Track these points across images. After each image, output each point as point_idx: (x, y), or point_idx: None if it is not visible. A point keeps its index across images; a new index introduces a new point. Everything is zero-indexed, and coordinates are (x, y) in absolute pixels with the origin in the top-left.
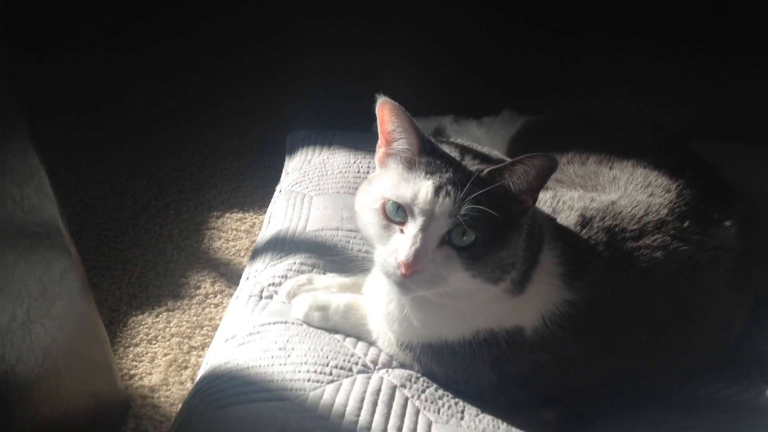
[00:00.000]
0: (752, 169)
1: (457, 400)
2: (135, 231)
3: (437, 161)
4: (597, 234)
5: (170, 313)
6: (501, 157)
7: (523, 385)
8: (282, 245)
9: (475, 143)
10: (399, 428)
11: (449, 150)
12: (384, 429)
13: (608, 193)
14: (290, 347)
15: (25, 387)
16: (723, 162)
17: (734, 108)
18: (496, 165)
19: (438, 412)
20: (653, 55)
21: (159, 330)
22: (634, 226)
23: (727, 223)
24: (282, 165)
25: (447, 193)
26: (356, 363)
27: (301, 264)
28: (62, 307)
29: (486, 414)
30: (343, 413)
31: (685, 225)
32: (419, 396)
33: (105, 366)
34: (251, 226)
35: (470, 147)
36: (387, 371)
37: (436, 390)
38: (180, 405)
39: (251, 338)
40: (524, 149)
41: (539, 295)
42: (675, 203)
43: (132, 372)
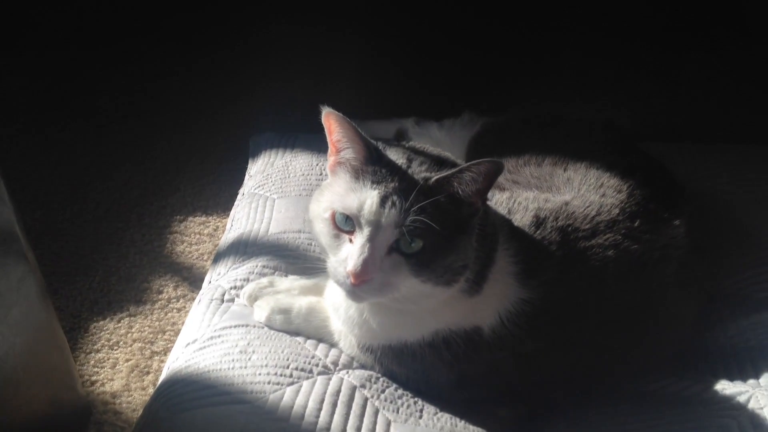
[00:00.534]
0: (705, 169)
1: (416, 400)
2: (96, 236)
3: (383, 170)
4: (551, 234)
5: (132, 319)
6: (453, 160)
7: (482, 384)
8: (244, 248)
9: (436, 145)
10: (358, 428)
11: (397, 156)
12: (343, 429)
13: (562, 194)
14: (251, 350)
15: None
16: (676, 162)
17: (687, 108)
18: (443, 173)
19: (397, 412)
20: (608, 56)
21: (121, 335)
22: (587, 226)
23: (676, 222)
24: (245, 168)
25: (393, 204)
26: (317, 364)
27: (263, 267)
28: (19, 314)
29: (444, 413)
30: (303, 414)
31: (636, 224)
32: (378, 396)
33: (65, 372)
34: (214, 230)
35: (421, 150)
36: (347, 372)
37: (396, 390)
38: (141, 411)
39: (212, 342)
40: (483, 151)
41: (496, 295)
42: (626, 203)
43: (93, 378)
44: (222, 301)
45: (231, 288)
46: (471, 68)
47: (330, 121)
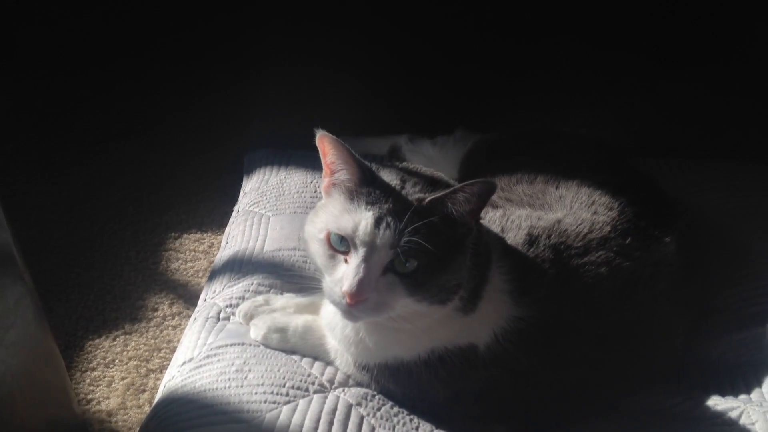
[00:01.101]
0: (693, 185)
1: (412, 417)
2: (91, 253)
3: (377, 192)
4: (544, 251)
5: (128, 336)
6: (446, 180)
7: (477, 401)
8: (239, 266)
9: (429, 162)
10: None
11: (391, 177)
12: None
13: (554, 212)
14: (247, 369)
15: None
16: (665, 177)
17: (676, 124)
18: (437, 194)
19: (393, 430)
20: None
21: (116, 353)
22: (579, 244)
23: (667, 239)
24: (240, 185)
25: (387, 225)
26: (313, 383)
27: (259, 284)
28: (16, 335)
29: (441, 430)
30: None
31: (627, 242)
32: (375, 414)
33: (61, 391)
34: (209, 247)
35: (414, 170)
36: (343, 390)
37: (392, 408)
38: (137, 430)
39: (208, 360)
40: (475, 168)
41: (490, 313)
42: (617, 221)
43: (89, 396)
44: (218, 320)
45: (226, 306)
46: (464, 85)
47: (324, 144)
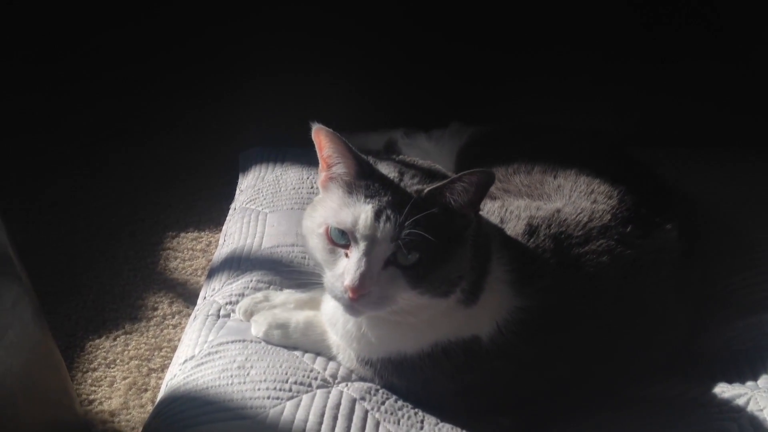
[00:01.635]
0: (692, 172)
1: (417, 411)
2: (89, 254)
3: (376, 184)
4: (544, 241)
5: (128, 336)
6: (443, 172)
7: (482, 393)
8: (238, 263)
9: (425, 156)
10: None
11: (389, 169)
12: None
13: (553, 202)
14: (249, 365)
15: None
16: (663, 166)
17: (672, 113)
18: (435, 184)
19: (398, 423)
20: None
21: (117, 353)
22: (580, 233)
23: (668, 227)
24: (236, 183)
25: (387, 218)
26: (315, 378)
27: (258, 281)
28: (15, 336)
29: (445, 423)
30: (304, 429)
31: (628, 230)
32: (379, 408)
33: (62, 392)
34: (207, 245)
35: (411, 163)
36: (347, 385)
37: (396, 401)
38: (141, 429)
39: (210, 358)
40: (472, 160)
41: (492, 304)
42: (617, 209)
43: (91, 397)
44: (218, 317)
45: (226, 303)
46: (458, 78)
47: (320, 137)
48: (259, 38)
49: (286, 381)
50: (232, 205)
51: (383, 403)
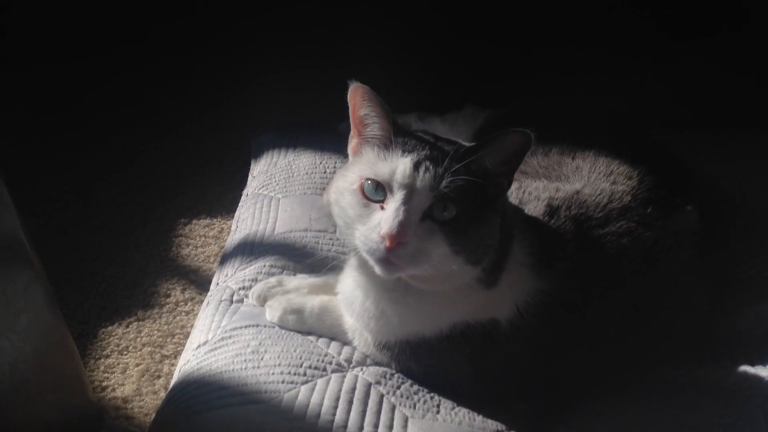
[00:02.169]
0: (709, 154)
1: (433, 395)
2: (101, 242)
3: (413, 141)
4: (564, 223)
5: (140, 323)
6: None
7: (499, 378)
8: (251, 249)
9: None
10: (375, 425)
11: (424, 134)
12: (360, 427)
13: (572, 183)
14: (263, 350)
15: None
16: (682, 148)
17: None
18: (473, 144)
19: (414, 407)
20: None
21: (130, 340)
22: (600, 214)
23: (689, 208)
24: (248, 169)
25: (426, 169)
26: (330, 362)
27: (271, 266)
28: (28, 321)
29: (461, 407)
30: (319, 413)
31: (649, 211)
32: (394, 392)
33: (75, 379)
34: (219, 232)
35: (440, 136)
36: (361, 369)
37: (411, 385)
38: (154, 415)
39: (223, 343)
40: None
41: (512, 287)
42: (637, 190)
43: (104, 384)
44: (231, 302)
45: (239, 289)
46: (473, 61)
47: (356, 96)
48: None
49: (301, 365)
50: (245, 191)
51: (399, 387)
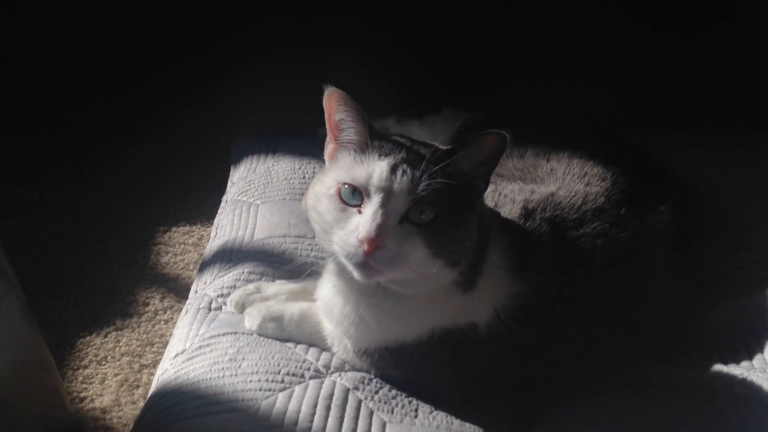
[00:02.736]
0: (684, 154)
1: (411, 399)
2: (79, 250)
3: (389, 144)
4: (540, 225)
5: (119, 332)
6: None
7: (479, 381)
8: (230, 256)
9: None
10: (353, 431)
11: (400, 137)
12: None
13: (547, 185)
14: (240, 357)
15: None
16: (656, 148)
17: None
18: (449, 146)
19: (392, 412)
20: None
21: (108, 350)
22: (574, 216)
23: (662, 208)
24: (227, 175)
25: (404, 172)
26: (308, 369)
27: (250, 273)
28: (2, 333)
29: (439, 411)
30: (297, 420)
31: (622, 212)
32: (372, 397)
33: (53, 390)
34: (199, 239)
35: (417, 139)
36: (340, 375)
37: (390, 390)
38: (132, 425)
39: (201, 351)
40: None
41: (490, 290)
42: (611, 191)
43: (82, 395)
44: (209, 310)
45: (218, 296)
46: (450, 65)
47: (332, 101)
48: (249, 31)
49: (278, 372)
50: (224, 198)
51: (377, 393)
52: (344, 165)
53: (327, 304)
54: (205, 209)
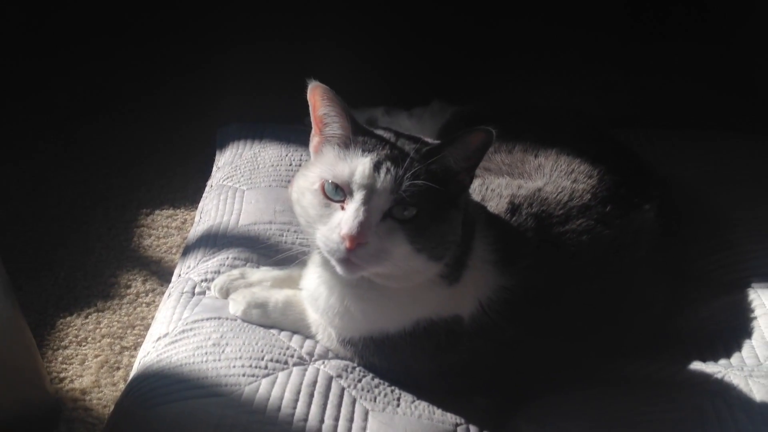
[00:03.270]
0: (670, 155)
1: (393, 388)
2: (61, 231)
3: (373, 140)
4: (526, 220)
5: (100, 314)
6: (433, 141)
7: (461, 373)
8: (214, 240)
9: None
10: (336, 418)
11: (384, 132)
12: (321, 420)
13: (534, 180)
14: (224, 343)
15: None
16: (642, 147)
17: (652, 96)
18: (435, 142)
19: (374, 401)
20: (573, 45)
21: (89, 331)
22: (560, 212)
23: (647, 207)
24: (213, 160)
25: (387, 170)
26: (292, 355)
27: (234, 258)
28: None
29: (422, 401)
30: (279, 406)
31: (608, 209)
32: (355, 386)
33: (32, 370)
34: (182, 223)
35: (403, 132)
36: (323, 362)
37: (373, 379)
38: (112, 407)
39: (184, 335)
40: None
41: (475, 283)
42: (597, 188)
43: (62, 375)
44: (193, 294)
45: (202, 281)
46: (440, 57)
47: (316, 96)
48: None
49: (262, 358)
50: (209, 182)
51: (360, 381)
52: (328, 160)
53: (312, 294)
54: (189, 193)
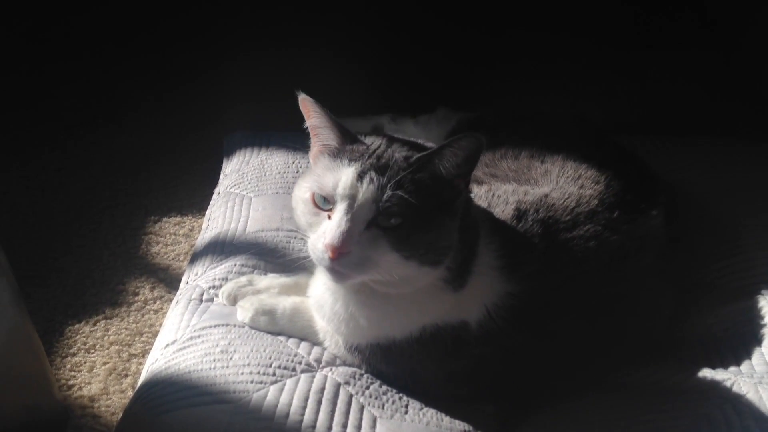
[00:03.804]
0: (674, 161)
1: (401, 395)
2: (68, 238)
3: (360, 148)
4: (532, 226)
5: (108, 321)
6: (431, 146)
7: (469, 380)
8: (222, 248)
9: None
10: (344, 425)
11: (376, 140)
12: (329, 427)
13: (541, 186)
14: (232, 350)
15: None
16: (646, 154)
17: (655, 102)
18: (423, 152)
19: (382, 408)
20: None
21: (97, 339)
22: (567, 218)
23: (654, 213)
24: (220, 167)
25: (370, 180)
26: (300, 362)
27: (242, 266)
28: None
29: (429, 408)
30: (288, 413)
31: (615, 215)
32: (363, 392)
33: (41, 377)
34: (190, 230)
35: (399, 138)
36: (331, 369)
37: (380, 386)
38: (121, 414)
39: (192, 342)
40: None
41: (481, 289)
42: (604, 194)
43: (70, 382)
44: (201, 301)
45: (209, 288)
46: (446, 65)
47: (305, 107)
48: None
49: (270, 365)
50: (216, 190)
51: (368, 388)
52: (318, 170)
53: (318, 301)
54: (197, 201)
